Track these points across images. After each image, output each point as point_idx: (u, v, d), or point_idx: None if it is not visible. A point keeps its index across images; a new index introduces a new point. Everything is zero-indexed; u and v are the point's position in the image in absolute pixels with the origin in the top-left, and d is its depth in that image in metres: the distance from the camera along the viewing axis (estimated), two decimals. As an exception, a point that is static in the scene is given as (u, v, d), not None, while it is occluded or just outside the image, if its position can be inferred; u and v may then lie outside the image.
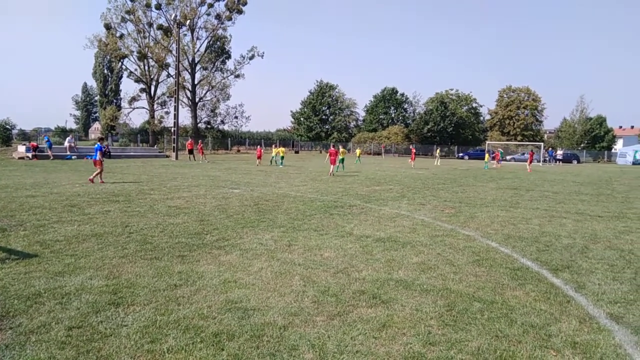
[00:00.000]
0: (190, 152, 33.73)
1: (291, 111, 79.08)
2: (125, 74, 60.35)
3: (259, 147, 34.30)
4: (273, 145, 35.45)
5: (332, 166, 22.17)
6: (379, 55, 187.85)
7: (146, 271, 5.30)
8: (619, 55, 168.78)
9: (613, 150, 64.98)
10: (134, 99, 56.49)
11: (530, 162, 33.41)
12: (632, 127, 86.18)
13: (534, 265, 6.08)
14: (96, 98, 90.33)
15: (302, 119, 75.45)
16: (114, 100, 75.50)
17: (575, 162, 54.22)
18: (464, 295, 4.79)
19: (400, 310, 4.31)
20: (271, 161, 31.34)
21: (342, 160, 24.89)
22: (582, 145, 65.52)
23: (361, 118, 78.44)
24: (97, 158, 15.38)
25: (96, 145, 15.76)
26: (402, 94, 74.82)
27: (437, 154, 43.49)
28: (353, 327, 3.90)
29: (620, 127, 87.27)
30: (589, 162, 58.74)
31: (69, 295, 4.44)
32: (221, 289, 4.77)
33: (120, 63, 57.36)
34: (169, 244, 6.68)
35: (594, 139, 65.76)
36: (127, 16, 52.38)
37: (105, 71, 78.59)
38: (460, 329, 3.92)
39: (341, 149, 25.08)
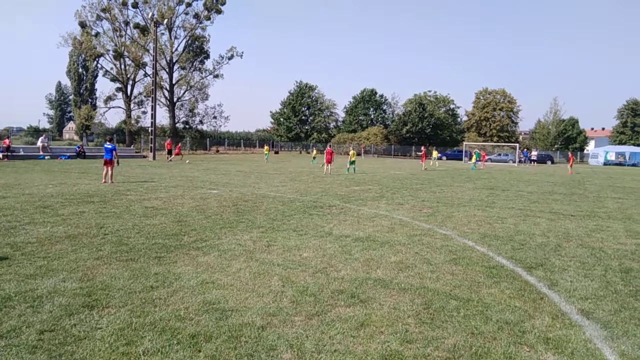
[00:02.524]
0: (169, 152, 33.33)
1: (271, 112, 78.90)
2: (100, 72, 59.34)
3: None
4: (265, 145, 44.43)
5: (327, 165, 23.06)
6: (359, 57, 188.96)
7: (122, 273, 5.20)
8: (590, 59, 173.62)
9: (585, 151, 66.82)
10: (109, 99, 55.44)
11: (484, 161, 33.50)
12: (603, 128, 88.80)
13: (509, 263, 6.20)
14: (70, 97, 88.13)
15: (281, 119, 75.30)
16: (89, 100, 73.89)
17: (549, 162, 55.55)
18: (440, 293, 4.85)
19: (379, 309, 4.34)
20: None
21: (353, 162, 25.45)
22: (555, 146, 67.18)
23: (341, 119, 78.73)
24: (112, 158, 15.37)
25: (111, 145, 15.52)
26: (381, 96, 75.46)
27: (434, 155, 40.04)
28: (331, 326, 3.91)
29: (592, 128, 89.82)
30: (562, 163, 60.19)
31: (41, 298, 4.33)
32: (199, 290, 4.72)
33: (95, 62, 56.28)
34: (145, 245, 6.58)
35: (567, 140, 67.51)
36: (102, 14, 51.42)
37: (80, 70, 76.81)
38: (437, 327, 3.97)
39: (351, 151, 25.96)
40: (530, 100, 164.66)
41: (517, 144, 59.00)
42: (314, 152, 39.34)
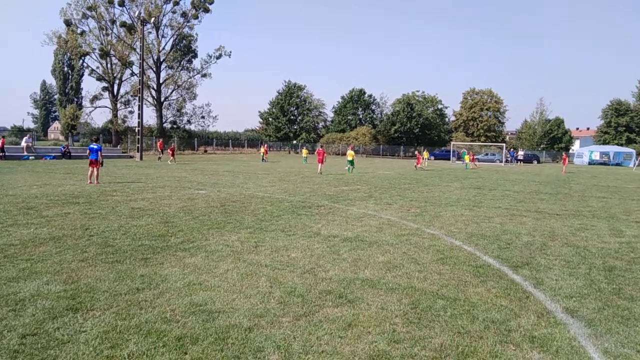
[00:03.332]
0: (162, 151, 33.17)
1: (259, 111, 78.53)
2: (86, 71, 58.38)
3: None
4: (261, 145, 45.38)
5: (319, 165, 23.78)
6: (347, 57, 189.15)
7: (107, 275, 5.14)
8: (576, 59, 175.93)
9: (571, 151, 67.70)
10: (95, 98, 54.70)
11: (473, 161, 33.05)
12: (588, 128, 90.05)
13: (495, 262, 6.26)
14: (56, 96, 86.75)
15: (270, 119, 75.04)
16: (75, 99, 72.75)
17: (535, 162, 56.17)
18: (428, 293, 4.88)
19: (366, 309, 4.34)
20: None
21: (351, 161, 26.10)
22: (541, 146, 67.95)
23: (329, 119, 78.74)
24: (97, 158, 15.16)
25: (97, 146, 15.28)
26: (370, 95, 75.60)
27: (424, 156, 39.59)
28: (319, 327, 3.90)
29: (577, 128, 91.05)
30: (548, 162, 60.97)
31: (24, 301, 4.25)
32: (185, 291, 4.68)
33: (81, 61, 55.51)
34: (131, 246, 6.51)
35: (553, 140, 68.30)
36: (88, 12, 50.69)
37: (66, 69, 75.59)
38: (424, 326, 3.98)
39: (349, 151, 26.62)
40: (516, 100, 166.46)
41: (504, 144, 59.57)
42: (305, 152, 39.50)
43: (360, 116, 74.97)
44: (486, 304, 4.58)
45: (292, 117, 74.36)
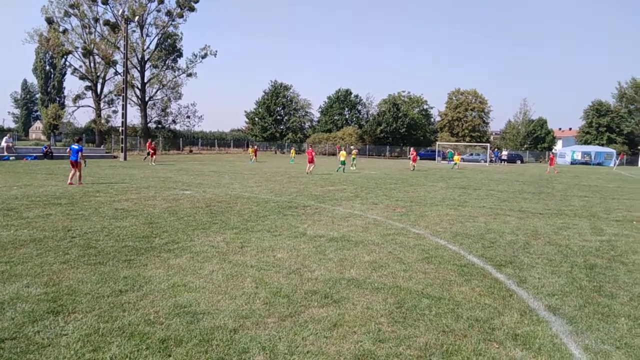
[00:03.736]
0: (150, 153, 32.54)
1: (245, 111, 78.15)
2: (69, 70, 57.42)
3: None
4: (251, 146, 46.13)
5: (309, 165, 24.25)
6: (333, 56, 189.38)
7: (89, 277, 5.06)
8: (559, 60, 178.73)
9: (553, 151, 68.78)
10: (78, 97, 53.86)
11: (414, 160, 32.48)
12: (570, 128, 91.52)
13: (479, 261, 6.32)
14: (37, 95, 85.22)
15: (256, 119, 74.73)
16: (57, 98, 71.47)
17: (519, 162, 56.91)
18: (413, 292, 4.90)
19: (352, 309, 4.35)
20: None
21: (353, 159, 27.99)
22: (525, 145, 68.92)
23: (316, 119, 78.75)
24: (77, 159, 14.78)
25: (77, 146, 14.98)
26: (356, 96, 75.77)
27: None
28: (304, 327, 3.90)
29: (560, 128, 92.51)
30: (531, 162, 61.87)
31: (2, 305, 4.16)
32: (169, 293, 4.64)
33: (63, 59, 54.57)
34: (114, 248, 6.42)
35: (536, 140, 69.34)
36: (70, 10, 49.92)
37: (47, 67, 74.30)
38: (409, 326, 4.00)
39: (342, 152, 27.78)
40: (501, 100, 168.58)
41: (489, 144, 60.28)
42: (292, 152, 39.72)
43: (347, 116, 75.09)
44: (470, 303, 4.62)
45: (278, 117, 74.16)
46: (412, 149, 37.36)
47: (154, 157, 30.75)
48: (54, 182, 15.25)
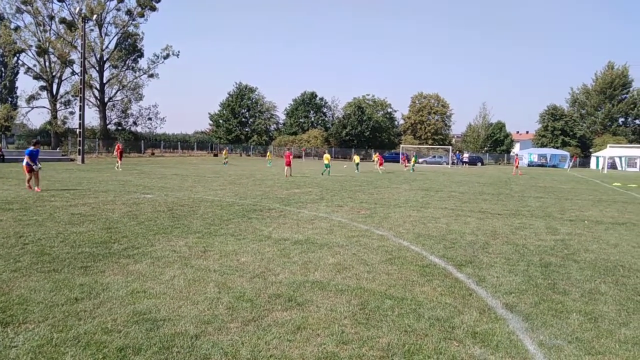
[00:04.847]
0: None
1: (209, 113, 77.01)
2: (22, 69, 55.10)
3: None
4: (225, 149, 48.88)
5: (287, 168, 24.22)
6: (298, 59, 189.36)
7: (42, 285, 4.84)
8: (516, 64, 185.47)
9: (511, 153, 71.28)
10: (32, 98, 51.84)
11: (381, 164, 33.39)
12: (527, 132, 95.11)
13: (441, 261, 6.46)
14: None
15: (220, 121, 73.84)
16: (9, 99, 68.21)
17: (479, 164, 58.69)
18: (376, 293, 4.96)
19: (315, 312, 4.35)
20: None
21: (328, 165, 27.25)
22: (485, 148, 71.13)
23: (281, 121, 78.56)
24: (26, 164, 13.73)
25: (27, 150, 14.13)
26: (322, 99, 76.21)
27: (374, 158, 39.67)
28: (268, 331, 3.87)
29: (517, 132, 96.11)
30: (491, 164, 63.88)
31: (-54, 316, 3.93)
32: (128, 300, 4.50)
33: (16, 58, 52.23)
34: (70, 254, 6.17)
35: (495, 142, 71.70)
36: (23, 7, 47.94)
37: (-2, 66, 70.96)
38: (372, 327, 4.04)
39: (326, 155, 28.05)
40: (461, 104, 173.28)
41: (450, 147, 61.84)
42: (269, 155, 40.09)
43: (312, 119, 75.32)
44: (432, 302, 4.72)
45: (243, 119, 73.58)
46: (377, 153, 37.67)
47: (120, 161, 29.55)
48: (6, 187, 14.54)
